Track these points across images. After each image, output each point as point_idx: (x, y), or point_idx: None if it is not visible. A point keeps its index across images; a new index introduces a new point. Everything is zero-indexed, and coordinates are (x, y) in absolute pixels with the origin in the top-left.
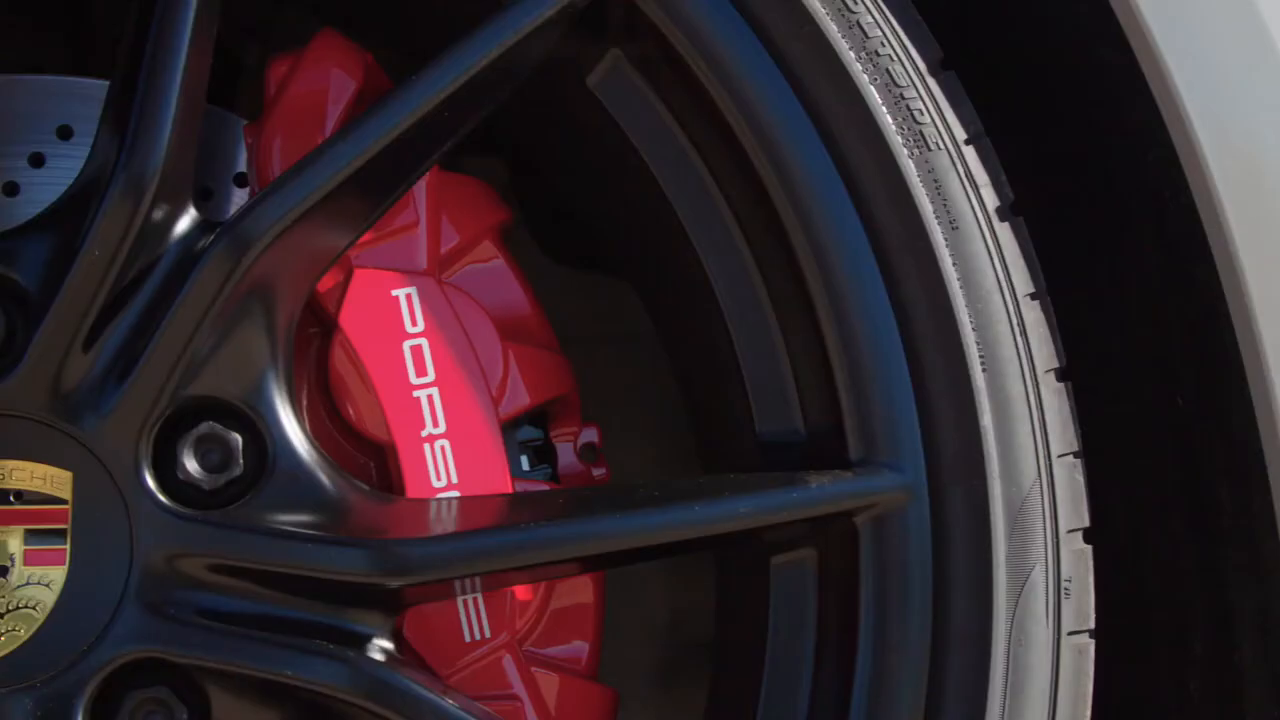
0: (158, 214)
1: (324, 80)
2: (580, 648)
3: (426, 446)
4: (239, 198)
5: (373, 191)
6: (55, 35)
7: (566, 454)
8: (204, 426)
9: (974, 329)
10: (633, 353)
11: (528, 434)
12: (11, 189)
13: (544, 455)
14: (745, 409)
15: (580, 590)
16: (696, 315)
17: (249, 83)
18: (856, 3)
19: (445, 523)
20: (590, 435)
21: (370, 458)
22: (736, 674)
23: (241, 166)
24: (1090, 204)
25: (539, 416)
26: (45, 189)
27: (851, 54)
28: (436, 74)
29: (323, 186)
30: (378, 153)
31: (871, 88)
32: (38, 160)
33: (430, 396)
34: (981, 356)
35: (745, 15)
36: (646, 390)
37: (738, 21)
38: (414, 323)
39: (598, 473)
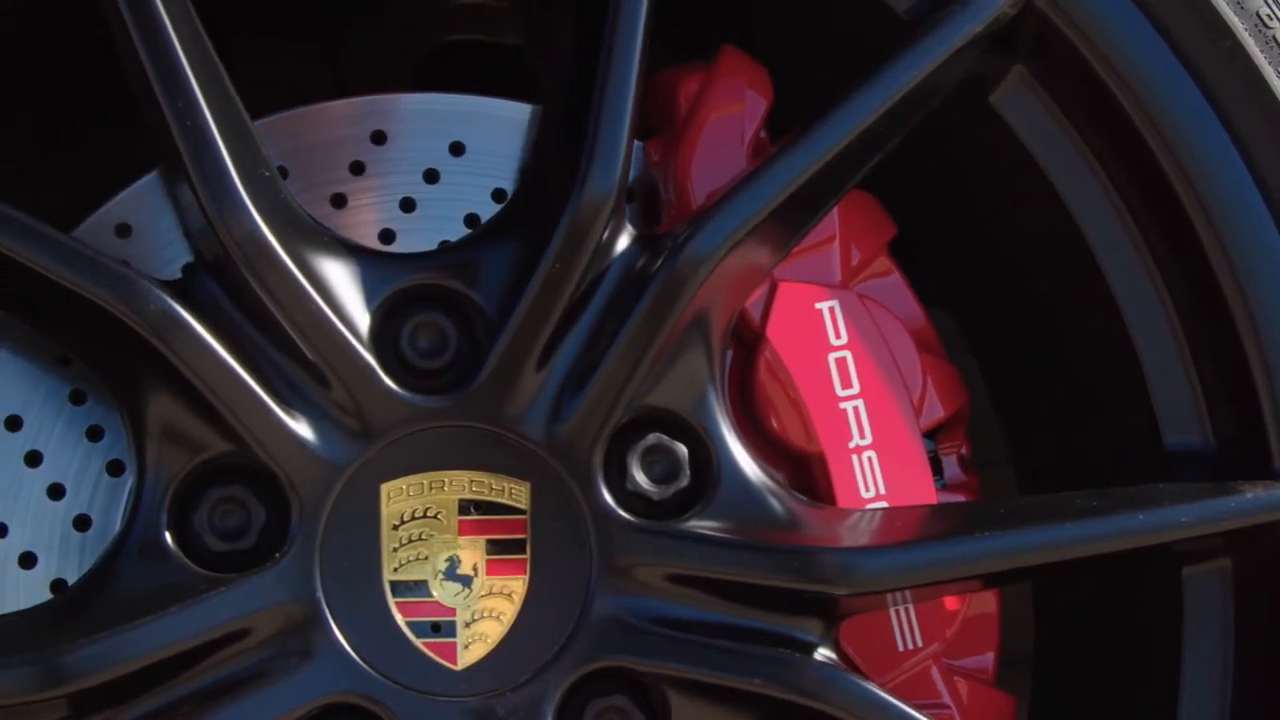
0: (607, 232)
1: (739, 97)
2: (987, 657)
3: (854, 457)
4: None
5: (806, 209)
6: (312, 60)
7: (950, 465)
8: (651, 438)
9: None
10: None
11: None
12: (408, 205)
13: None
14: (1150, 422)
15: (986, 600)
16: (1086, 331)
17: None
18: (1272, 18)
19: (883, 532)
20: (963, 447)
21: (786, 468)
22: (1132, 687)
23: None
24: None
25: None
26: (440, 204)
27: (1271, 69)
28: (876, 89)
29: (766, 206)
30: (817, 171)
31: None
32: (432, 177)
33: (856, 408)
34: None
35: (1160, 30)
36: None
37: (1153, 36)
38: (838, 335)
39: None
